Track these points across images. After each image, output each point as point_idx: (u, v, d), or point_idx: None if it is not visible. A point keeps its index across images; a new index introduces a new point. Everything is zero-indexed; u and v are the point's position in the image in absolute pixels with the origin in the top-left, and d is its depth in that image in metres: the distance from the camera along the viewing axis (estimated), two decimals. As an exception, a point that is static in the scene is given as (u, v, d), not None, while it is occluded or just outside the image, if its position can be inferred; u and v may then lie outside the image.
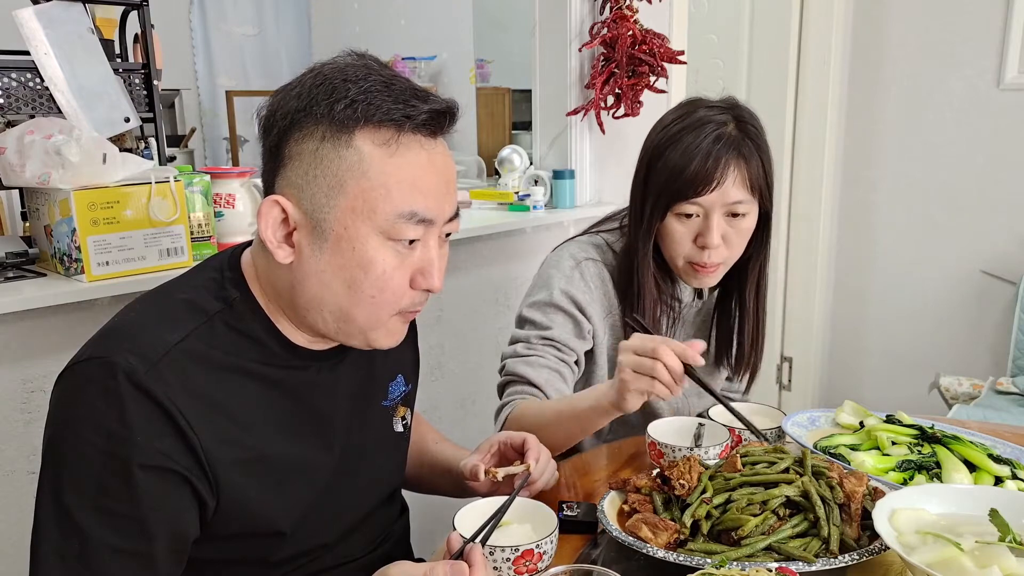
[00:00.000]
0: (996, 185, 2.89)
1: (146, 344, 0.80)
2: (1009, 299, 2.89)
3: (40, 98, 1.55)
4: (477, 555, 0.80)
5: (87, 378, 0.79)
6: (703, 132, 1.24)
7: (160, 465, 0.78)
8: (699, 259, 1.29)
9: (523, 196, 2.34)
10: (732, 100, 1.32)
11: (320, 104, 0.81)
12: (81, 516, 0.77)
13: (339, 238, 0.82)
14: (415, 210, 0.83)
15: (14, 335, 1.36)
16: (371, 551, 1.04)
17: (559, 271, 1.37)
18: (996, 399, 2.56)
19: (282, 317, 0.90)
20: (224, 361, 0.84)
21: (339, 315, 0.86)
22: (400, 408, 1.07)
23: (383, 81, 0.82)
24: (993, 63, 2.83)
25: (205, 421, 0.81)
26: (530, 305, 1.37)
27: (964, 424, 1.27)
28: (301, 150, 0.82)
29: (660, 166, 1.27)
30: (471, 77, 4.48)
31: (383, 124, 0.81)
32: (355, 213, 0.82)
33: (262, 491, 0.86)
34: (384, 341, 0.91)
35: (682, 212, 1.27)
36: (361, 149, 0.81)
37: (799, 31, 3.14)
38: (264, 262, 0.89)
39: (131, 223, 1.41)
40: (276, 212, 0.83)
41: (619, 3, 2.19)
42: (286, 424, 0.89)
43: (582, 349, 1.36)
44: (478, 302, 2.27)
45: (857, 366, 3.35)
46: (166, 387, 0.78)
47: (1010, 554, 0.80)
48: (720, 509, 0.94)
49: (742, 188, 1.25)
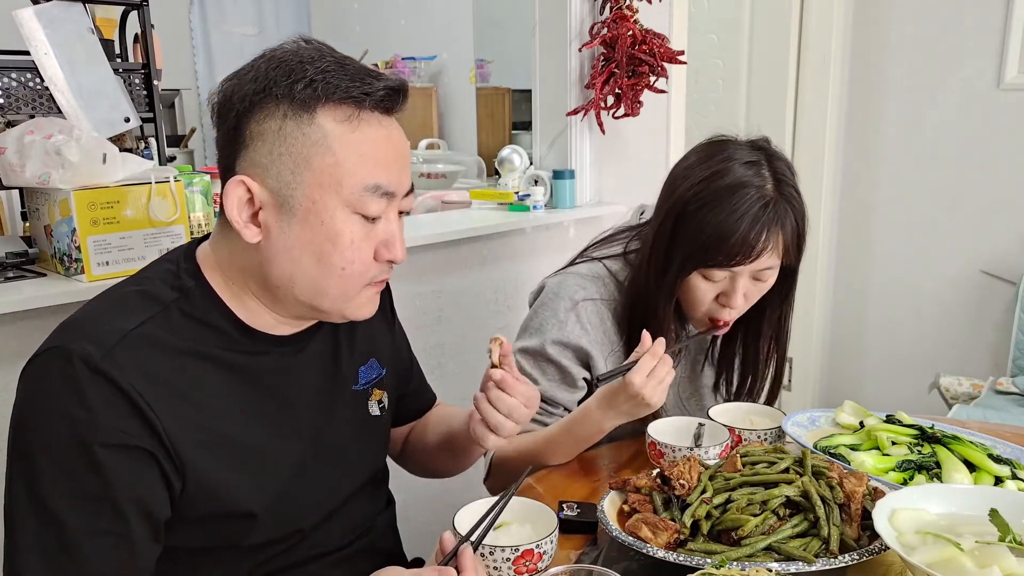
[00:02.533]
0: (996, 185, 2.89)
1: (101, 332, 0.82)
2: (1009, 299, 2.89)
3: (40, 98, 1.55)
4: (467, 558, 0.81)
5: (45, 368, 0.80)
6: (744, 198, 1.16)
7: (124, 443, 0.79)
8: (718, 315, 1.26)
9: (523, 196, 2.34)
10: (764, 143, 1.25)
11: (279, 85, 0.83)
12: (54, 503, 0.78)
13: (307, 212, 0.85)
14: (379, 183, 0.86)
15: (14, 335, 1.36)
16: (350, 543, 1.04)
17: (554, 315, 1.31)
18: (996, 399, 2.56)
19: (248, 301, 0.91)
20: (181, 346, 0.86)
21: (311, 290, 0.88)
22: (376, 391, 1.08)
23: (337, 61, 0.85)
24: (993, 63, 2.83)
25: (165, 404, 0.82)
26: (521, 351, 1.33)
27: (964, 424, 1.27)
28: (263, 130, 0.84)
29: (694, 227, 1.19)
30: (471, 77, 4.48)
31: (343, 102, 0.85)
32: (322, 187, 0.84)
33: (228, 472, 0.87)
34: (358, 312, 0.93)
35: (709, 276, 1.22)
36: (324, 126, 0.84)
37: (799, 31, 3.14)
38: (229, 248, 0.90)
39: (131, 223, 1.41)
40: (241, 192, 0.85)
41: (619, 3, 2.19)
42: (248, 408, 0.91)
43: (571, 400, 1.33)
44: (478, 302, 2.27)
45: (857, 366, 3.35)
46: (122, 371, 0.80)
47: (1010, 554, 0.80)
48: (720, 509, 0.94)
49: (775, 256, 1.20)
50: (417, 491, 1.25)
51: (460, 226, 2.14)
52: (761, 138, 1.27)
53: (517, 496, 0.95)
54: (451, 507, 0.96)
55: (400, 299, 1.21)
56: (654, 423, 1.22)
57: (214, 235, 0.94)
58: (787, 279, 1.29)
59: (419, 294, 2.10)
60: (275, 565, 0.96)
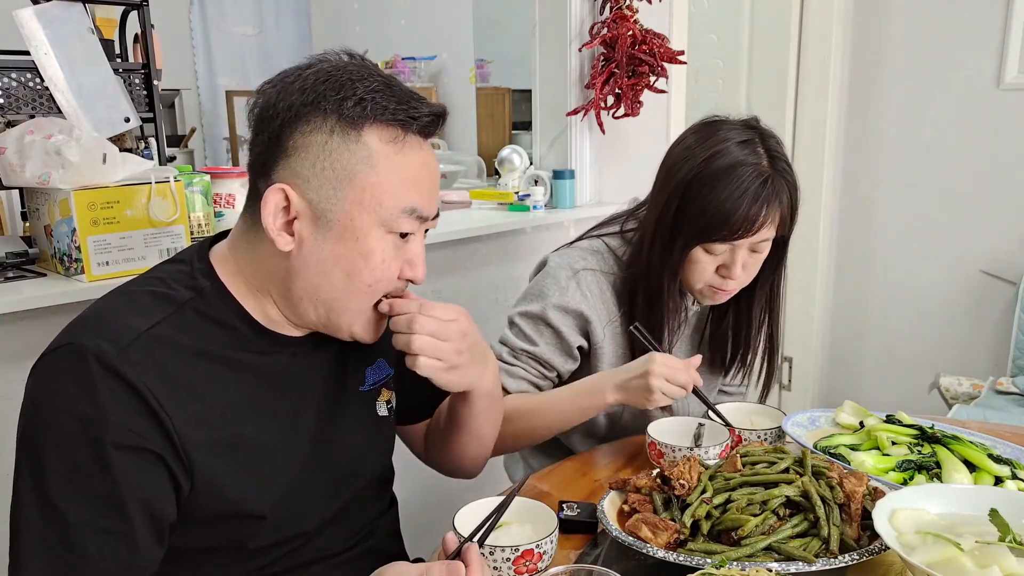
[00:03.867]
0: (996, 185, 2.89)
1: (116, 330, 0.82)
2: (1009, 299, 2.89)
3: (40, 98, 1.55)
4: (474, 555, 0.81)
5: (58, 365, 0.80)
6: (742, 176, 1.22)
7: (134, 445, 0.79)
8: (719, 285, 1.31)
9: (523, 196, 2.34)
10: (755, 123, 1.30)
11: (328, 100, 0.84)
12: (61, 500, 0.78)
13: (344, 228, 0.86)
14: (415, 206, 0.88)
15: (14, 335, 1.36)
16: (354, 545, 1.04)
17: (555, 282, 1.36)
18: (996, 399, 2.56)
19: (265, 304, 0.92)
20: (195, 346, 0.86)
21: (331, 304, 0.90)
22: (384, 392, 1.08)
23: (384, 82, 0.86)
24: (993, 63, 2.83)
25: (176, 403, 0.82)
26: (521, 314, 1.38)
27: (964, 424, 1.27)
28: (308, 142, 0.85)
29: (697, 207, 1.25)
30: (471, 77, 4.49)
31: (390, 123, 0.86)
32: (362, 205, 0.86)
33: (236, 473, 0.87)
34: (364, 335, 0.94)
35: (711, 249, 1.27)
36: (370, 145, 0.85)
37: (799, 31, 3.14)
38: (254, 252, 0.90)
39: (131, 223, 1.41)
40: (280, 199, 0.86)
41: (619, 3, 2.19)
42: (259, 409, 0.91)
43: (566, 367, 1.38)
44: (478, 302, 2.26)
45: (857, 366, 3.35)
46: (136, 370, 0.80)
47: (1010, 554, 0.80)
48: (720, 509, 0.94)
49: (772, 228, 1.26)
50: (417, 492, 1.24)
51: (460, 226, 2.14)
52: (751, 117, 1.32)
53: (517, 496, 0.95)
54: (451, 507, 0.96)
55: (400, 299, 1.21)
56: (654, 423, 1.22)
57: (234, 237, 0.94)
58: (779, 250, 1.35)
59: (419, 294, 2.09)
60: (279, 567, 0.95)
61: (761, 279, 1.36)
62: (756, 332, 1.43)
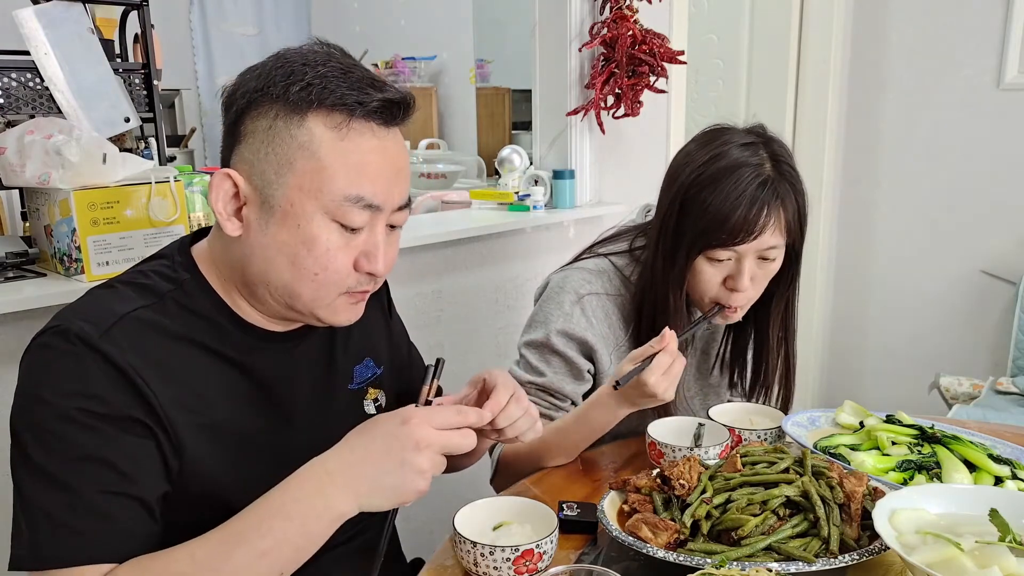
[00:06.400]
0: (996, 185, 2.89)
1: (99, 314, 0.84)
2: (1009, 299, 2.89)
3: (40, 98, 1.55)
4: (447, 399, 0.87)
5: (44, 347, 0.82)
6: (742, 177, 1.19)
7: (125, 415, 0.81)
8: (726, 300, 1.26)
9: (523, 196, 2.34)
10: (760, 130, 1.27)
11: (277, 85, 0.84)
12: (62, 473, 0.79)
13: (285, 214, 0.85)
14: (362, 194, 0.86)
15: (14, 335, 1.36)
16: (346, 540, 1.03)
17: (559, 307, 1.32)
18: (996, 399, 2.56)
19: (238, 297, 0.92)
20: (177, 332, 0.87)
21: (284, 291, 0.89)
22: (371, 390, 1.08)
23: (342, 68, 0.85)
24: (993, 63, 2.84)
25: (161, 384, 0.83)
26: (527, 344, 1.34)
27: (964, 424, 1.27)
28: (255, 128, 0.86)
29: (697, 211, 1.21)
30: (471, 77, 4.49)
31: (335, 108, 0.84)
32: (302, 191, 0.84)
33: (222, 458, 0.88)
34: (333, 318, 0.92)
35: (715, 257, 1.23)
36: (312, 130, 0.84)
37: (799, 31, 3.14)
38: (221, 242, 0.92)
39: (131, 223, 1.41)
40: (227, 185, 0.87)
41: (619, 3, 2.19)
42: (241, 400, 0.91)
43: (578, 392, 1.33)
44: (478, 302, 2.27)
45: (857, 366, 3.35)
46: (120, 349, 0.81)
47: (1010, 554, 0.80)
48: (720, 509, 0.94)
49: (778, 234, 1.22)
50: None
51: (460, 226, 2.14)
52: (757, 125, 1.29)
53: (517, 496, 0.95)
54: (451, 507, 0.96)
55: (400, 299, 1.21)
56: (654, 423, 1.22)
57: (212, 231, 0.96)
58: (791, 263, 1.31)
59: (419, 294, 2.10)
60: None
61: (776, 295, 1.33)
62: (775, 353, 1.38)
